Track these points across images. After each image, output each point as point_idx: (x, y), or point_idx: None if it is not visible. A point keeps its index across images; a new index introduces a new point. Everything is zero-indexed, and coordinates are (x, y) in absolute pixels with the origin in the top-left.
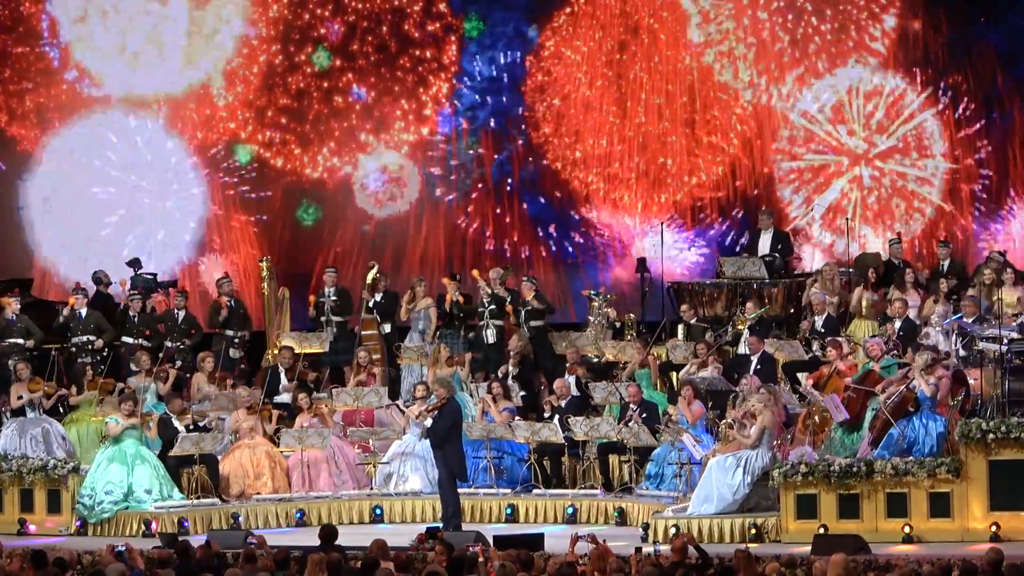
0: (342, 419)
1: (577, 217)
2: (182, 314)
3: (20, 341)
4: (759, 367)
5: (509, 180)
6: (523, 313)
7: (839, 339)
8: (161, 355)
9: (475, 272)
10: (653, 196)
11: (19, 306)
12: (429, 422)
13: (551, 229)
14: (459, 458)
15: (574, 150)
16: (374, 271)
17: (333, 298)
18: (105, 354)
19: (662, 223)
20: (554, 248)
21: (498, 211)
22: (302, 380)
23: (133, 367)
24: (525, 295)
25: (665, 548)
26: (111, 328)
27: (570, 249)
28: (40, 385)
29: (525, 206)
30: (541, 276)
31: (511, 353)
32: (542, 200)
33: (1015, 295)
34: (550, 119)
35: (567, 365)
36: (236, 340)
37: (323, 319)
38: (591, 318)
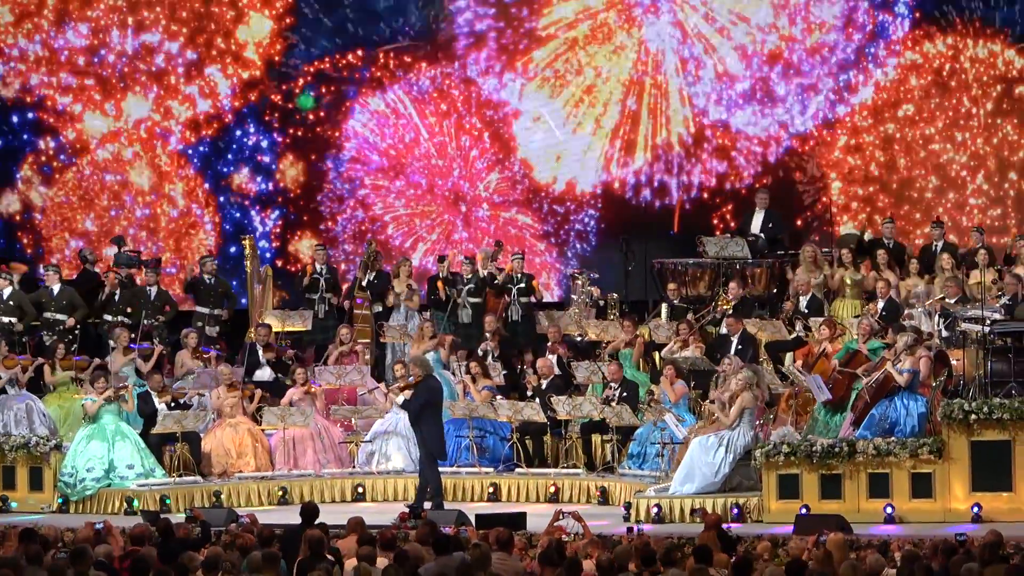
0: (325, 398)
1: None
2: (154, 290)
3: (10, 320)
4: (739, 347)
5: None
6: (514, 290)
7: (833, 319)
8: (134, 334)
9: (453, 252)
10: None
11: (11, 284)
12: (401, 399)
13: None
14: (437, 437)
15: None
16: (371, 248)
17: (327, 275)
18: (76, 332)
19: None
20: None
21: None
22: (279, 359)
23: (112, 344)
24: (516, 272)
25: (649, 528)
26: (84, 306)
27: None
28: (15, 361)
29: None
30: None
31: (487, 333)
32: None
33: (989, 278)
34: None
35: (548, 344)
36: (211, 318)
37: (316, 296)
38: (574, 297)
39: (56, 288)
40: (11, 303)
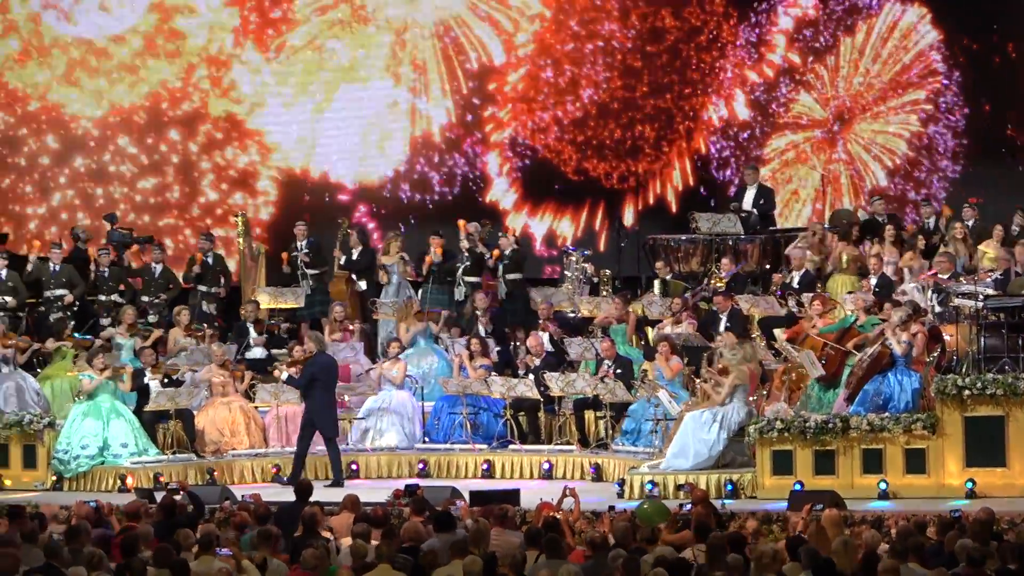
0: None
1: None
2: (159, 268)
3: (3, 299)
4: (728, 324)
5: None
6: (501, 267)
7: (824, 295)
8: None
9: (460, 222)
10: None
11: (4, 263)
12: (286, 375)
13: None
14: (325, 414)
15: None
16: (343, 227)
17: (305, 251)
18: (75, 308)
19: (638, 180)
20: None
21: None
22: (271, 333)
23: (106, 321)
24: (503, 248)
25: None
26: (83, 283)
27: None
28: (12, 339)
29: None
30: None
31: (478, 313)
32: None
33: (993, 248)
34: None
35: (539, 321)
36: (209, 295)
37: (299, 273)
38: (568, 273)
39: (58, 266)
40: (9, 284)
